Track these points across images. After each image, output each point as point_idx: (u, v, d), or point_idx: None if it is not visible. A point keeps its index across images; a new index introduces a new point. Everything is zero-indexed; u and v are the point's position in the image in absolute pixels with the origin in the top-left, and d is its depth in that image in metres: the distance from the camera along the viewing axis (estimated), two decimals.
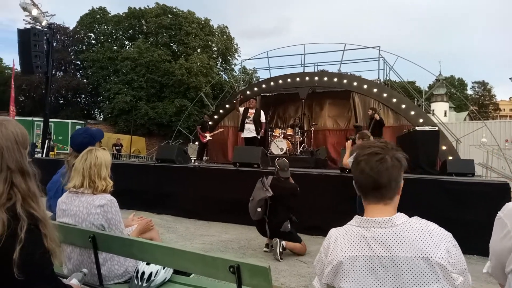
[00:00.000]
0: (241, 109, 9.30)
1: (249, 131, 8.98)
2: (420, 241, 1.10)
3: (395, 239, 1.12)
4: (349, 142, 5.05)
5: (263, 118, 9.12)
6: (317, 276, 1.30)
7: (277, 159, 5.11)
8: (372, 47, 12.85)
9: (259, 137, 9.14)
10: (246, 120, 9.00)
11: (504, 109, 60.73)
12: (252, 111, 9.07)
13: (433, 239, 1.10)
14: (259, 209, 4.65)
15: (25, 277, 1.13)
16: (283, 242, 4.62)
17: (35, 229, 1.20)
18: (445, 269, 1.07)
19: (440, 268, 1.06)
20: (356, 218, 1.23)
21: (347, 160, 4.87)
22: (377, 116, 9.26)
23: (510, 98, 60.39)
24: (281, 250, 4.58)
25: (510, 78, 48.62)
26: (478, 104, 55.84)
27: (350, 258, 1.15)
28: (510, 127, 18.46)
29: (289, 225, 4.66)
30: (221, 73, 33.86)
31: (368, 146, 1.23)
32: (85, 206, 2.19)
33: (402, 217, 1.17)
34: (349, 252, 1.15)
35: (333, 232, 1.27)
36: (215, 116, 14.07)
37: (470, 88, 58.87)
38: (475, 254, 4.79)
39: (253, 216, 4.73)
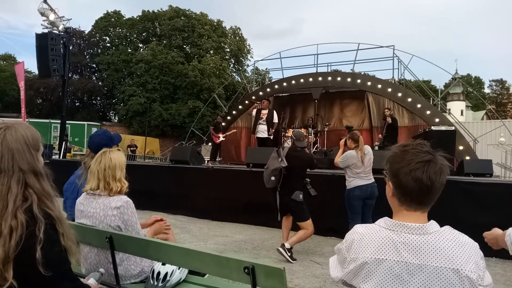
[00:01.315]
0: (254, 111, 9.29)
1: (262, 132, 8.97)
2: (451, 252, 1.08)
3: (427, 247, 1.10)
4: (342, 141, 5.06)
5: (275, 119, 9.11)
6: (338, 261, 1.27)
7: (293, 130, 5.18)
8: (386, 46, 12.72)
9: (271, 137, 9.13)
10: (259, 121, 8.99)
11: None
12: (264, 112, 9.05)
13: (465, 251, 1.09)
14: (272, 178, 4.67)
15: (50, 273, 1.16)
16: (286, 244, 4.61)
17: (52, 229, 1.22)
18: (473, 282, 1.06)
19: (469, 281, 1.06)
20: (386, 220, 1.20)
21: (337, 160, 4.92)
22: (389, 120, 9.18)
23: None
24: (288, 254, 4.57)
25: None
26: (496, 102, 54.54)
27: (376, 261, 1.13)
28: None
29: (301, 195, 4.63)
30: (234, 74, 33.97)
31: (417, 151, 1.17)
32: (102, 208, 2.22)
33: (435, 225, 1.16)
34: (375, 254, 1.13)
35: (359, 229, 1.24)
36: (228, 117, 14.12)
37: (488, 87, 57.63)
38: (493, 257, 4.69)
39: (267, 184, 4.76)
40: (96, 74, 34.73)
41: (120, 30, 33.90)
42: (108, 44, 34.49)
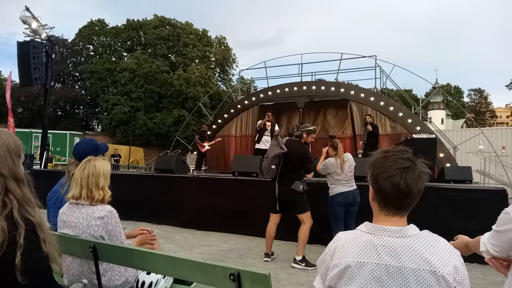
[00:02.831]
0: (263, 124, 9.78)
1: (266, 142, 9.38)
2: (429, 255, 1.11)
3: (405, 250, 1.13)
4: (324, 149, 5.19)
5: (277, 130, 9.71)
6: (320, 277, 1.30)
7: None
8: (369, 56, 12.98)
9: None
10: (265, 132, 9.55)
11: (500, 116, 61.01)
12: (268, 123, 9.63)
13: (443, 255, 1.12)
14: (273, 167, 4.64)
15: (27, 282, 1.14)
16: (296, 257, 4.67)
17: (33, 234, 1.21)
18: (449, 284, 1.09)
19: (445, 283, 1.08)
20: (367, 224, 1.24)
21: (319, 167, 5.06)
22: (369, 127, 9.41)
23: (506, 105, 60.73)
24: (303, 264, 4.62)
25: (506, 86, 48.93)
26: (475, 111, 56.13)
27: (358, 264, 1.16)
28: (507, 134, 18.55)
29: (301, 186, 4.63)
30: (219, 83, 34.01)
31: (397, 158, 1.20)
32: (85, 218, 2.19)
33: (414, 229, 1.19)
34: (357, 258, 1.16)
35: (341, 236, 1.27)
36: (214, 126, 14.12)
37: (467, 96, 59.30)
38: (474, 262, 4.79)
39: (267, 173, 4.74)
40: (79, 82, 34.25)
41: (104, 38, 33.62)
42: (92, 53, 34.15)
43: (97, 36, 33.54)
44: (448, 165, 9.23)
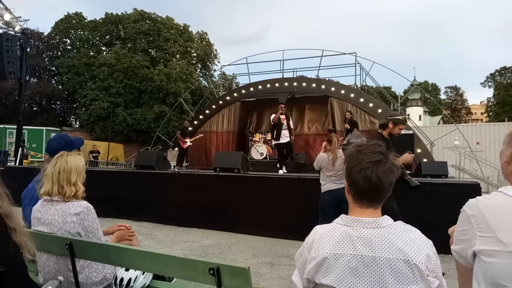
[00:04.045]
0: (277, 117, 8.78)
1: (285, 137, 8.72)
2: (402, 245, 1.14)
3: (380, 240, 1.16)
4: (323, 144, 5.21)
5: (291, 124, 9.05)
6: (298, 270, 1.32)
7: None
8: (349, 53, 13.13)
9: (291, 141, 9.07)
10: (282, 127, 8.69)
11: (475, 112, 63.01)
12: (283, 117, 8.76)
13: (415, 244, 1.15)
14: None
15: None
16: None
17: (1, 225, 1.18)
18: (422, 272, 1.12)
19: (418, 270, 1.12)
20: (343, 217, 1.26)
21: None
22: (347, 125, 9.61)
23: (481, 103, 62.70)
24: None
25: (481, 83, 50.49)
26: (451, 108, 57.69)
27: (334, 256, 1.18)
28: (481, 130, 19.17)
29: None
30: (201, 79, 33.76)
31: (369, 152, 1.23)
32: (61, 214, 2.13)
33: (388, 220, 1.22)
34: (334, 249, 1.19)
35: (319, 229, 1.29)
36: (195, 122, 14.02)
37: (443, 93, 60.87)
38: (449, 253, 4.94)
39: None
40: (55, 77, 33.30)
41: (81, 32, 32.77)
42: (69, 47, 33.26)
43: (74, 30, 32.64)
44: (425, 160, 9.47)
